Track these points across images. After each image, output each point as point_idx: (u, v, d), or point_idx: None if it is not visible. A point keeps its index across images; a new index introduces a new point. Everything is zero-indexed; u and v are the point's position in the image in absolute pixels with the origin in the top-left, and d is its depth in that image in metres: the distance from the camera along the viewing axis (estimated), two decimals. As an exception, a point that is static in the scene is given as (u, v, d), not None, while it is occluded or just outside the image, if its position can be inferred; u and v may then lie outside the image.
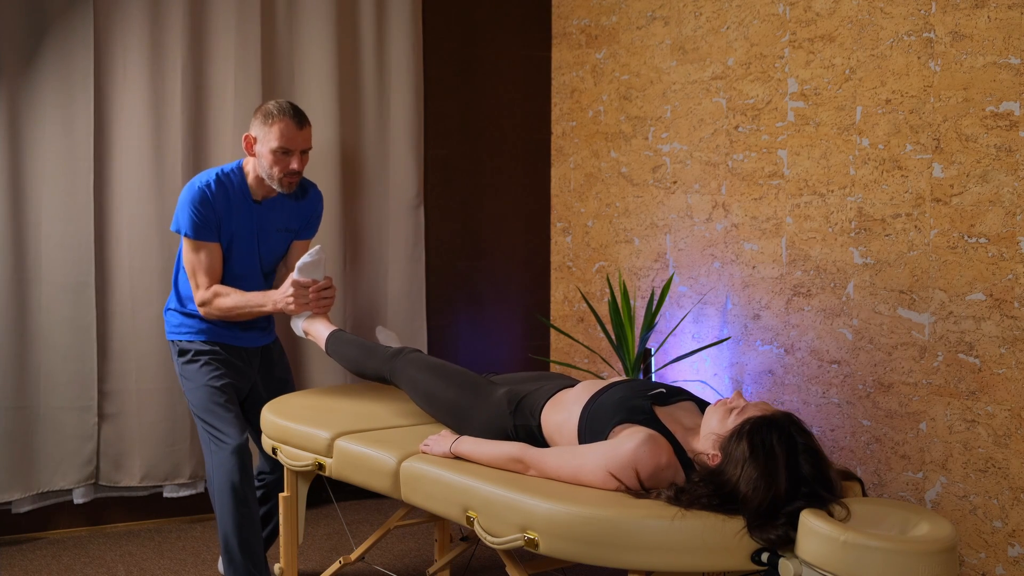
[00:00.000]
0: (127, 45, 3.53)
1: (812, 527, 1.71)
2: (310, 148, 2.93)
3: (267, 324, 3.13)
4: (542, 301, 4.38)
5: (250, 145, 2.91)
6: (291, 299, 2.83)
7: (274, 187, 2.92)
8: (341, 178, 3.89)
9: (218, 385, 2.91)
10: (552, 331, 4.38)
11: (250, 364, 3.06)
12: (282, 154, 2.85)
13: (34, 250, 3.44)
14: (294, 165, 2.87)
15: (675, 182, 3.68)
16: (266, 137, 2.85)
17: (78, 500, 3.55)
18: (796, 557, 1.75)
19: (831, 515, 1.76)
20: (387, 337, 3.07)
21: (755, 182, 3.33)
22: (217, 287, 2.91)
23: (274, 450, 2.69)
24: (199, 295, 2.92)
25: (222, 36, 3.65)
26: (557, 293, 4.35)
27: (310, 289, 2.85)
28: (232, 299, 2.89)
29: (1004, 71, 2.55)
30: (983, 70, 2.60)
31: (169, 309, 3.04)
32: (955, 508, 2.71)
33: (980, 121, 2.61)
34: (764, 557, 1.78)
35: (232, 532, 2.82)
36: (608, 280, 3.72)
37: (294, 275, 2.85)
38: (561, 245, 4.31)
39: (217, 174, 2.93)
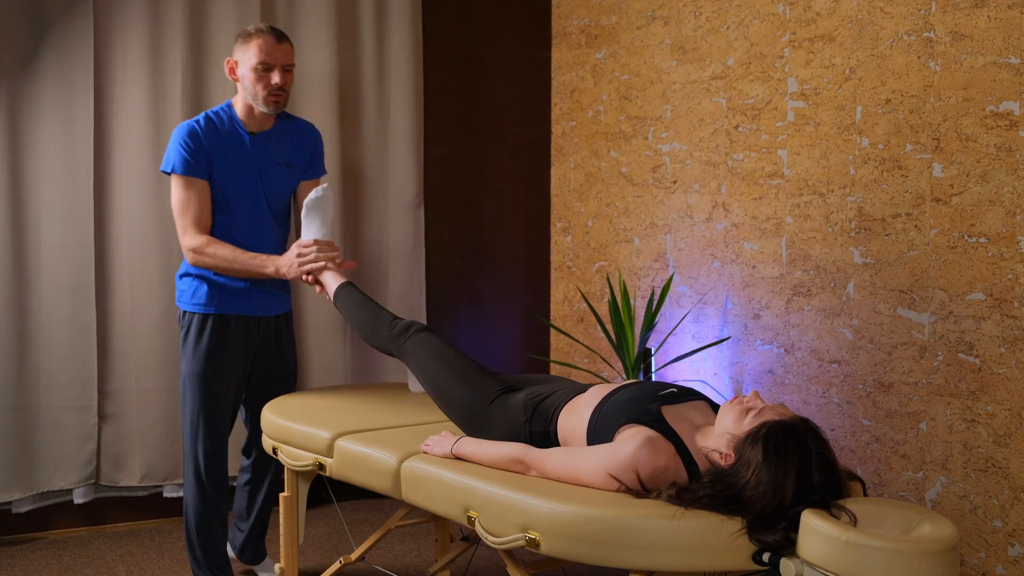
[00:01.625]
0: (127, 45, 3.53)
1: (814, 527, 1.71)
2: (293, 65, 2.89)
3: (284, 290, 3.07)
4: (542, 301, 4.38)
5: (232, 70, 2.89)
6: (295, 263, 2.77)
7: (259, 107, 2.87)
8: (341, 178, 3.89)
9: (212, 376, 2.88)
10: (552, 331, 4.38)
11: (257, 337, 2.99)
12: (263, 70, 2.82)
13: (34, 250, 3.44)
14: (276, 80, 2.83)
15: (675, 182, 3.68)
16: (245, 56, 2.83)
17: (78, 500, 3.55)
18: (797, 557, 1.75)
19: (833, 516, 1.76)
20: None
21: (755, 182, 3.33)
22: (210, 237, 2.83)
23: (274, 450, 2.69)
24: (189, 239, 2.82)
25: (222, 36, 3.66)
26: (557, 293, 4.35)
27: (315, 247, 2.79)
28: (228, 251, 2.81)
29: (1004, 71, 2.55)
30: (983, 70, 2.60)
31: (181, 276, 2.96)
32: (955, 508, 2.71)
33: (980, 121, 2.61)
34: (765, 557, 1.78)
35: (192, 517, 2.94)
36: (608, 280, 3.72)
37: (301, 239, 2.82)
38: (561, 245, 4.31)
39: (206, 113, 2.91)
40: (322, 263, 2.80)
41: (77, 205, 3.47)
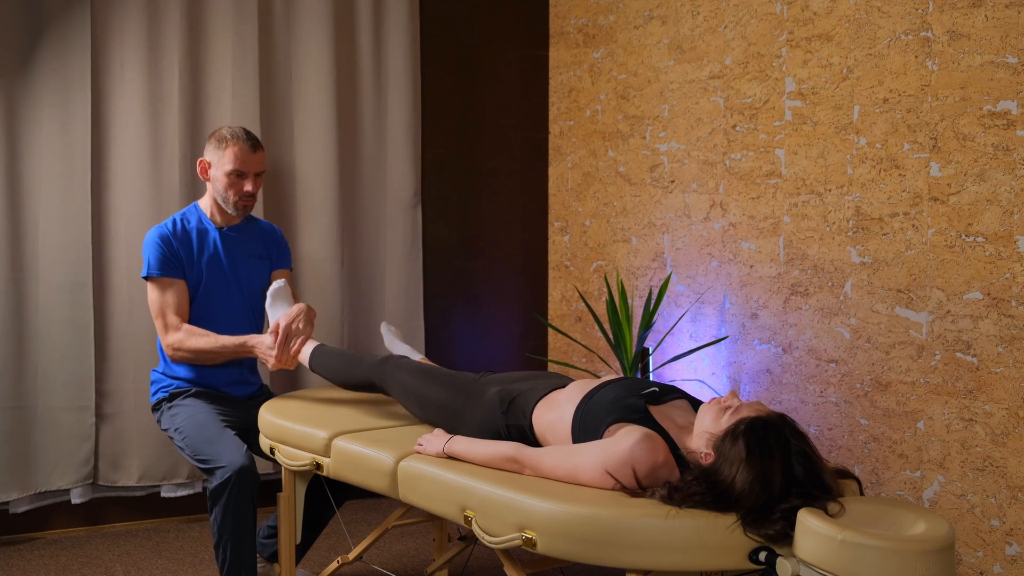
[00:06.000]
0: (124, 45, 3.53)
1: (810, 526, 1.71)
2: (264, 171, 3.00)
3: (249, 374, 3.07)
4: (540, 300, 4.38)
5: (204, 170, 2.98)
6: (271, 352, 2.80)
7: (228, 210, 2.98)
8: (339, 177, 3.88)
9: (209, 411, 2.84)
10: (550, 330, 4.38)
11: (243, 404, 3.00)
12: (236, 177, 2.93)
13: (32, 250, 3.43)
14: (248, 187, 2.95)
15: (673, 181, 3.68)
16: (220, 161, 2.93)
17: (76, 500, 3.55)
18: (794, 556, 1.75)
19: (826, 512, 1.76)
20: (391, 333, 3.10)
21: (753, 181, 3.33)
22: (188, 327, 2.89)
23: (272, 450, 2.68)
24: (170, 337, 2.88)
25: (219, 36, 3.65)
26: (555, 292, 4.35)
27: (284, 326, 2.81)
28: (207, 340, 2.86)
29: (1001, 70, 2.55)
30: (980, 69, 2.60)
31: (156, 371, 3.01)
32: (953, 507, 2.71)
33: (978, 120, 2.61)
34: (762, 556, 1.78)
35: (228, 546, 2.65)
36: (606, 279, 3.72)
37: (271, 322, 2.86)
38: (559, 244, 4.31)
39: (173, 217, 3.00)
40: (296, 346, 2.84)
41: (75, 205, 3.47)
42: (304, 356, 2.84)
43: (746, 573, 1.84)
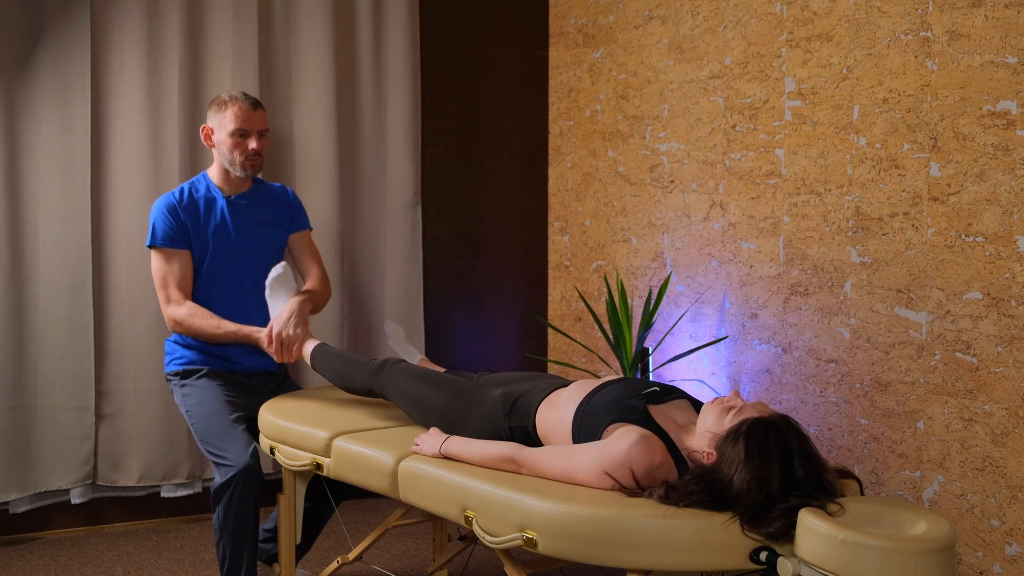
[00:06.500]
0: (124, 44, 3.53)
1: (811, 526, 1.72)
2: (267, 130, 2.99)
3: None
4: (540, 300, 4.38)
5: (208, 136, 2.97)
6: (271, 348, 2.81)
7: (236, 172, 2.95)
8: (339, 177, 3.88)
9: (221, 399, 2.84)
10: (550, 330, 4.38)
11: (257, 389, 2.99)
12: (240, 136, 2.92)
13: (31, 250, 3.43)
14: (253, 145, 2.93)
15: (672, 181, 3.68)
16: (222, 123, 2.92)
17: (76, 500, 3.55)
18: (795, 556, 1.75)
19: (827, 512, 1.76)
20: (394, 331, 3.09)
21: (752, 181, 3.33)
22: (192, 305, 2.88)
23: (272, 450, 2.68)
24: (170, 310, 2.88)
25: (219, 36, 3.65)
26: (555, 292, 4.35)
27: (276, 334, 2.81)
28: (208, 323, 2.85)
29: (1001, 70, 2.56)
30: (980, 69, 2.60)
31: (171, 340, 3.01)
32: (953, 507, 2.71)
33: (977, 120, 2.62)
34: (763, 556, 1.78)
35: (229, 545, 2.67)
36: (606, 279, 3.72)
37: (271, 315, 2.86)
38: (559, 244, 4.31)
39: (182, 186, 2.99)
40: (295, 349, 2.84)
41: (74, 205, 3.47)
42: (307, 353, 2.84)
43: (747, 573, 1.84)
